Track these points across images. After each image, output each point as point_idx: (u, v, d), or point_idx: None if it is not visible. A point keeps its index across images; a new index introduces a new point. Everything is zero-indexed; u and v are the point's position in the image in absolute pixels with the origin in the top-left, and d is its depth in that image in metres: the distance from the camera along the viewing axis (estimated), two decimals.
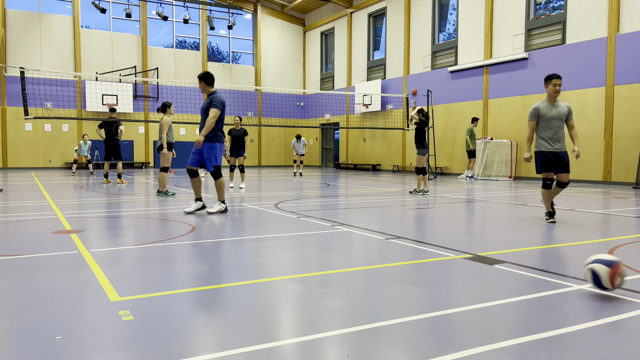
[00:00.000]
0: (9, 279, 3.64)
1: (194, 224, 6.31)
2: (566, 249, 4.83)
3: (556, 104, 6.48)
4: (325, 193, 11.34)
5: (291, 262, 4.36)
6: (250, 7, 27.27)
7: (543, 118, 6.50)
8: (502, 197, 10.27)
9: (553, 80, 6.43)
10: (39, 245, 4.92)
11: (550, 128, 6.45)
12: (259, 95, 27.44)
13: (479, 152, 16.90)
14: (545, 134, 6.54)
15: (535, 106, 6.58)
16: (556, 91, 6.37)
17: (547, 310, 2.97)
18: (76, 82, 23.16)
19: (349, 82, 25.12)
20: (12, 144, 22.18)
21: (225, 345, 2.42)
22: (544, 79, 6.52)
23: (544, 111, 6.50)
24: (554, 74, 6.45)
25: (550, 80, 6.46)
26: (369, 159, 24.08)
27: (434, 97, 19.04)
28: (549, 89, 6.44)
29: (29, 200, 9.17)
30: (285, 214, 7.32)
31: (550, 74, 6.51)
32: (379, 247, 4.97)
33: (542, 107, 6.53)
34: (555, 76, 6.44)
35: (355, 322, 2.75)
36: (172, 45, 25.88)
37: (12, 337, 2.54)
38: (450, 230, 6.11)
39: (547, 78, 6.47)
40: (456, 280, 3.69)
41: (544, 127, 6.52)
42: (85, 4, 23.43)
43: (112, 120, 13.67)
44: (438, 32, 20.17)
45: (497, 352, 2.35)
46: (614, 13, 13.93)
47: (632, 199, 9.90)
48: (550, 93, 6.44)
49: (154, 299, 3.15)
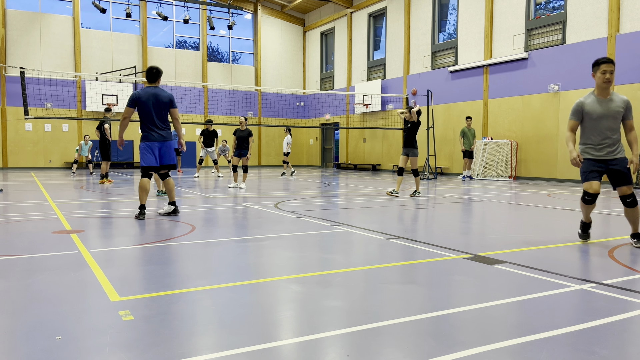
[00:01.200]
0: (9, 279, 3.64)
1: (193, 224, 6.31)
2: (566, 249, 4.83)
3: (609, 98, 4.92)
4: (325, 193, 11.34)
5: (291, 262, 4.36)
6: (250, 7, 27.27)
7: (589, 117, 4.92)
8: (502, 197, 10.27)
9: (602, 65, 4.83)
10: (39, 245, 4.92)
11: (599, 130, 4.91)
12: (259, 95, 27.43)
13: (478, 152, 16.90)
14: (591, 138, 4.96)
15: (579, 101, 4.99)
16: (607, 80, 4.80)
17: (547, 310, 2.97)
18: (76, 82, 23.16)
19: (349, 82, 25.12)
20: (12, 144, 22.18)
21: (225, 345, 2.42)
22: (592, 65, 4.95)
23: (590, 107, 4.91)
24: (604, 58, 4.86)
25: (598, 66, 4.87)
26: (369, 159, 24.08)
27: (434, 97, 19.04)
28: (597, 77, 4.86)
29: (29, 200, 9.16)
30: (285, 214, 7.32)
31: (598, 58, 4.95)
32: (379, 247, 4.97)
33: (587, 103, 4.94)
34: (605, 60, 4.83)
35: (355, 322, 2.75)
36: (172, 45, 25.88)
37: (12, 337, 2.54)
38: (450, 230, 6.11)
39: (595, 63, 4.91)
40: (456, 280, 3.69)
41: (589, 129, 4.95)
42: (85, 4, 23.42)
43: (102, 120, 13.68)
44: (438, 32, 20.17)
45: (497, 352, 2.35)
46: (614, 13, 13.93)
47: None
48: (600, 83, 4.86)
49: (154, 299, 3.15)
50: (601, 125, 4.89)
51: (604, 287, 3.43)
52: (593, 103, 4.91)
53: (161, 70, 7.22)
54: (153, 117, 6.89)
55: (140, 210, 6.82)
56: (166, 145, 7.04)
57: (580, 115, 4.97)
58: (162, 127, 6.98)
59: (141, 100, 6.87)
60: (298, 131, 28.95)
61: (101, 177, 13.51)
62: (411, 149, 10.25)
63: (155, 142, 6.94)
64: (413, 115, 10.22)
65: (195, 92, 24.95)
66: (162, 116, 6.97)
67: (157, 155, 7.01)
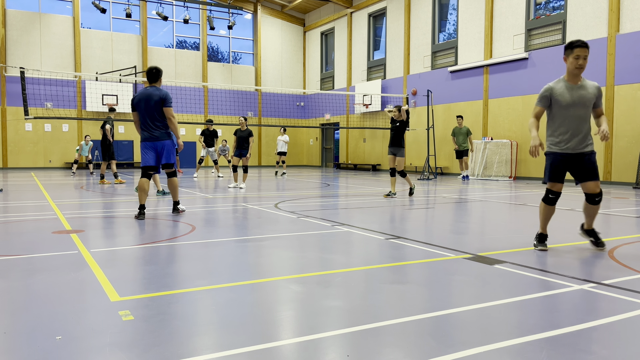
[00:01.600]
0: (9, 279, 3.64)
1: (193, 224, 6.31)
2: (566, 249, 4.82)
3: (579, 84, 4.46)
4: (325, 193, 11.34)
5: (291, 262, 4.36)
6: (250, 7, 27.27)
7: (558, 104, 4.45)
8: (502, 197, 10.27)
9: (575, 50, 4.35)
10: (39, 245, 4.92)
11: (568, 120, 4.45)
12: (259, 95, 27.43)
13: (478, 152, 16.89)
14: (560, 129, 4.50)
15: (548, 86, 4.52)
16: (579, 66, 4.36)
17: (547, 310, 2.97)
18: (76, 82, 23.16)
19: (349, 82, 25.11)
20: (12, 144, 22.18)
21: (225, 345, 2.42)
22: (565, 47, 4.46)
23: (559, 94, 4.44)
24: (579, 41, 4.38)
25: (572, 50, 4.37)
26: (369, 159, 24.08)
27: (434, 97, 19.03)
28: (569, 62, 4.39)
29: (29, 200, 9.16)
30: (286, 214, 7.32)
31: (572, 40, 4.44)
32: (379, 247, 4.97)
33: (556, 88, 4.47)
34: (580, 44, 4.35)
35: (355, 322, 2.75)
36: (172, 45, 25.87)
37: (12, 337, 2.54)
38: (450, 230, 6.11)
39: (569, 46, 4.40)
40: (456, 280, 3.69)
41: (558, 118, 4.48)
42: (85, 4, 23.42)
43: (105, 120, 13.71)
44: (438, 32, 20.17)
45: (497, 352, 2.35)
46: (614, 13, 13.93)
47: (632, 199, 9.90)
48: (571, 69, 4.40)
49: (154, 299, 3.15)
50: (571, 114, 4.44)
51: (604, 287, 3.43)
52: (563, 89, 4.45)
53: (161, 70, 7.20)
54: (145, 117, 6.90)
55: (140, 210, 6.82)
56: (161, 145, 6.99)
57: (547, 101, 4.51)
58: (155, 126, 6.93)
59: (135, 102, 6.94)
60: (298, 131, 28.95)
61: (101, 177, 13.51)
62: (399, 148, 10.06)
63: (149, 142, 6.95)
64: (402, 113, 9.97)
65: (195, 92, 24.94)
66: (153, 116, 6.89)
67: (155, 155, 7.01)
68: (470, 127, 17.37)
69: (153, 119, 6.92)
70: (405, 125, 10.06)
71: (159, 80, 7.11)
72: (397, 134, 10.04)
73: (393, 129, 10.13)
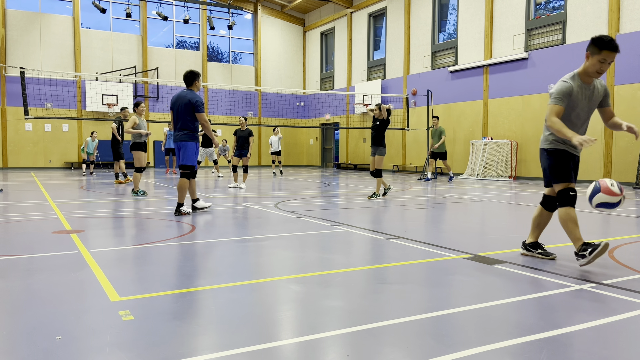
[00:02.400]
0: (9, 279, 3.64)
1: (193, 224, 6.31)
2: (566, 249, 4.82)
3: (592, 85, 4.16)
4: (325, 193, 11.34)
5: (291, 262, 4.36)
6: (250, 7, 27.27)
7: (572, 104, 4.11)
8: (502, 197, 10.27)
9: (604, 52, 3.90)
10: (39, 245, 4.92)
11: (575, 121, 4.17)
12: (259, 95, 27.43)
13: (479, 151, 16.87)
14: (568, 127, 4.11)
15: (569, 85, 4.06)
16: (601, 71, 3.99)
17: (547, 310, 2.97)
18: (76, 82, 23.16)
19: (349, 82, 25.11)
20: (12, 144, 22.18)
21: (225, 345, 2.42)
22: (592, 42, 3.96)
23: (576, 93, 4.09)
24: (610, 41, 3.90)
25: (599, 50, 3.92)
26: (369, 159, 24.04)
27: (434, 97, 19.03)
28: (591, 63, 3.99)
29: (29, 200, 9.16)
30: (286, 214, 7.32)
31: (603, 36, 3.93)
32: (379, 247, 4.97)
33: (574, 87, 4.09)
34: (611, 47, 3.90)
35: (355, 322, 2.75)
36: (172, 45, 25.87)
37: (12, 337, 2.54)
38: (450, 230, 6.11)
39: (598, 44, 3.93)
40: (456, 280, 3.69)
41: (566, 119, 4.14)
42: (85, 4, 23.42)
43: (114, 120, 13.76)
44: (438, 32, 20.16)
45: (497, 352, 2.35)
46: (614, 13, 13.93)
47: (632, 199, 9.90)
48: (592, 71, 4.02)
49: (154, 299, 3.15)
50: (579, 115, 4.16)
51: (604, 287, 3.43)
52: (578, 89, 4.09)
53: (197, 74, 7.31)
54: (174, 120, 7.27)
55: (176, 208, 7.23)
56: (179, 146, 7.24)
57: (568, 100, 4.07)
58: (179, 128, 7.22)
59: (171, 102, 7.33)
60: (298, 131, 28.95)
61: (116, 177, 13.55)
62: (379, 147, 9.90)
63: (174, 142, 7.31)
64: (383, 112, 9.74)
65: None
66: (180, 118, 7.16)
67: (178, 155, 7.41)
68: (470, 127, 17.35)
69: (179, 121, 7.18)
70: (385, 124, 9.82)
71: (193, 84, 7.27)
72: (378, 133, 9.87)
73: (374, 128, 9.93)
